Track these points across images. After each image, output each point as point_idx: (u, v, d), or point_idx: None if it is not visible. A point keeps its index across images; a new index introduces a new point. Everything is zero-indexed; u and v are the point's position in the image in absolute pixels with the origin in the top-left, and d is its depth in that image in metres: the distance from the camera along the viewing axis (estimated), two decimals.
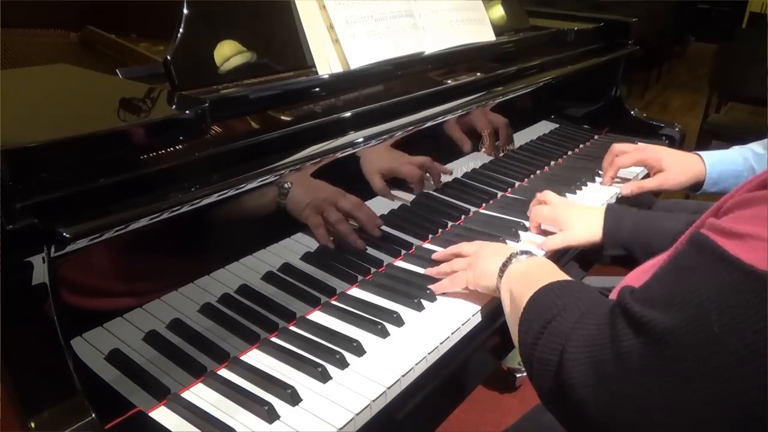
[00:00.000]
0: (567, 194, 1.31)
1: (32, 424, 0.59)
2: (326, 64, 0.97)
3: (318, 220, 0.93)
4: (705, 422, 0.52)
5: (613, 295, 0.74)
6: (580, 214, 1.08)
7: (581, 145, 1.63)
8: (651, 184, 1.29)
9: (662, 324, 0.52)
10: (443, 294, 0.95)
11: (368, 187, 1.02)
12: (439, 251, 1.03)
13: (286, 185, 0.86)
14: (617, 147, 1.37)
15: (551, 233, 1.10)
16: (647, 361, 0.53)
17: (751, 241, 0.50)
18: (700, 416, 0.52)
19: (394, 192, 1.08)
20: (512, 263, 0.85)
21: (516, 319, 0.73)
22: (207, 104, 0.71)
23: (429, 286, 0.95)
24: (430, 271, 0.99)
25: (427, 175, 1.15)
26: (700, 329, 0.50)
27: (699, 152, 1.31)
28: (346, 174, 0.97)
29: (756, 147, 1.30)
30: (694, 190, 1.30)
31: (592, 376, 0.57)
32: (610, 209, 1.06)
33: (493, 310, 0.92)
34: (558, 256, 1.12)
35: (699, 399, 0.51)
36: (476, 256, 0.92)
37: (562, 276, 0.78)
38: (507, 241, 1.10)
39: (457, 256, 0.98)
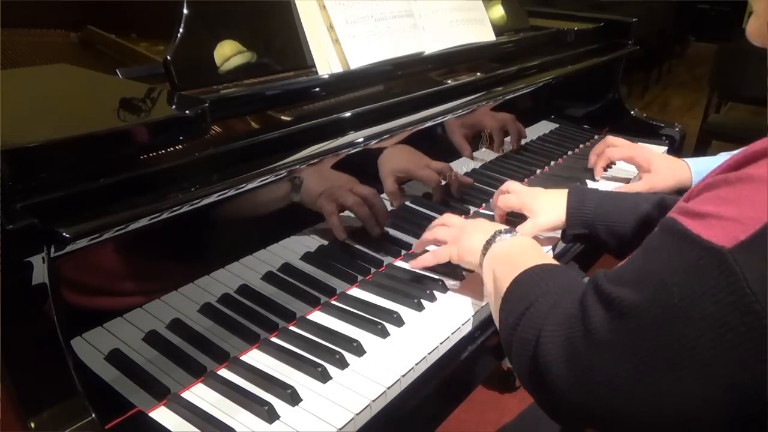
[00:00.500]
0: None
1: (32, 424, 0.59)
2: (326, 64, 0.97)
3: (332, 208, 0.94)
4: (673, 396, 0.53)
5: None
6: (546, 198, 1.08)
7: (581, 145, 1.63)
8: (640, 186, 1.30)
9: (628, 299, 0.55)
10: (443, 294, 0.95)
11: (371, 186, 1.03)
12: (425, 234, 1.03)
13: (297, 179, 0.86)
14: (611, 139, 1.38)
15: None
16: (615, 335, 0.55)
17: (711, 220, 0.52)
18: (667, 389, 0.53)
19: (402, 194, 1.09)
20: (496, 242, 0.86)
21: (498, 300, 0.75)
22: (207, 104, 0.71)
23: (410, 262, 0.96)
24: (415, 253, 1.01)
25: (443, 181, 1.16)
26: (662, 303, 0.53)
27: (687, 159, 1.32)
28: (355, 173, 0.97)
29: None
30: (680, 194, 1.31)
31: (565, 353, 0.59)
32: (573, 189, 1.07)
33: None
34: (556, 257, 1.12)
35: (664, 371, 0.53)
36: (461, 230, 0.93)
37: (545, 257, 0.80)
38: None
39: (441, 224, 0.99)
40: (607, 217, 1.01)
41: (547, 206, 1.06)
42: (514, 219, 1.14)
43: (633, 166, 1.39)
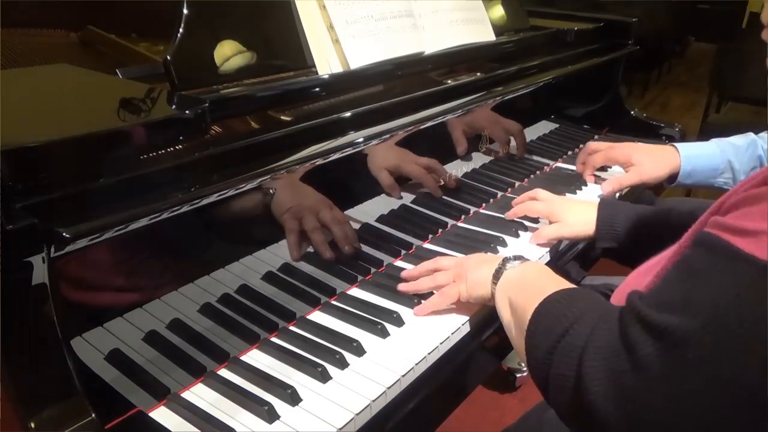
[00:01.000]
0: (567, 194, 1.31)
1: (32, 424, 0.59)
2: (326, 64, 0.97)
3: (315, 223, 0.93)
4: (730, 424, 0.52)
5: (615, 299, 0.73)
6: (574, 207, 1.09)
7: (581, 145, 1.63)
8: (629, 180, 1.31)
9: (682, 328, 0.52)
10: None
11: (372, 185, 1.03)
12: (409, 269, 0.98)
13: (270, 190, 0.85)
14: (592, 145, 1.39)
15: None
16: (669, 367, 0.53)
17: (764, 237, 0.50)
18: (725, 418, 0.52)
19: (402, 189, 1.09)
20: (507, 269, 0.83)
21: (520, 329, 0.72)
22: (207, 104, 0.71)
23: (416, 309, 0.89)
24: (404, 287, 0.93)
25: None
26: (721, 330, 0.50)
27: (675, 144, 1.32)
28: (353, 171, 0.97)
29: (736, 140, 1.32)
30: (670, 181, 1.32)
31: (613, 388, 0.56)
32: (603, 203, 1.07)
33: (492, 310, 0.91)
34: (558, 256, 1.12)
35: (724, 400, 0.51)
36: (462, 267, 0.89)
37: (560, 280, 0.77)
38: (507, 240, 1.10)
39: (435, 270, 0.94)
40: (638, 232, 1.00)
41: (576, 217, 1.06)
42: (531, 223, 1.15)
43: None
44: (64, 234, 0.58)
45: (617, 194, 1.32)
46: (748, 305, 0.49)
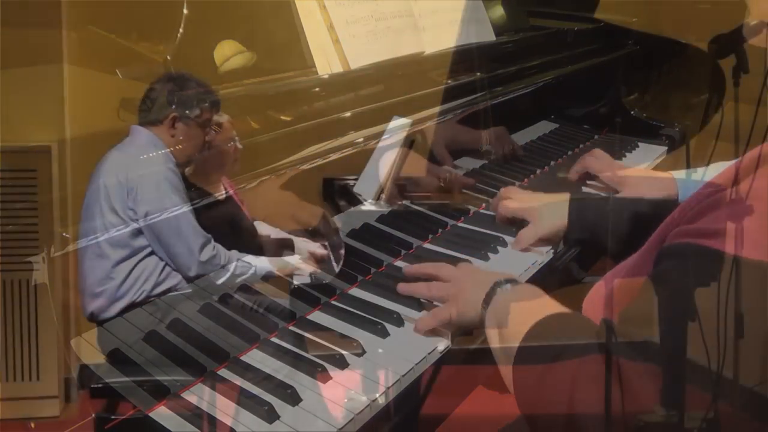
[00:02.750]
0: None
1: (32, 425, 0.59)
2: (326, 64, 0.97)
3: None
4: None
5: (587, 306, 0.75)
6: (547, 203, 1.08)
7: (581, 145, 1.63)
8: None
9: (666, 340, 0.54)
10: None
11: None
12: (412, 266, 0.97)
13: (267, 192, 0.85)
14: (597, 152, 1.38)
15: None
16: (659, 380, 0.54)
17: (731, 235, 0.53)
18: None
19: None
20: (497, 294, 0.80)
21: (507, 357, 0.72)
22: (207, 104, 0.71)
23: (416, 324, 0.86)
24: (402, 288, 0.92)
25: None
26: (704, 326, 0.51)
27: (674, 173, 1.33)
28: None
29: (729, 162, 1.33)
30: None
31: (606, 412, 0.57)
32: (575, 195, 1.09)
33: None
34: (558, 257, 1.11)
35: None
36: (457, 288, 0.87)
37: (551, 304, 0.77)
38: (507, 240, 1.10)
39: (434, 277, 0.91)
40: (607, 221, 1.00)
41: (548, 212, 1.06)
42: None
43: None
44: (64, 234, 0.58)
45: None
46: (723, 296, 0.51)
